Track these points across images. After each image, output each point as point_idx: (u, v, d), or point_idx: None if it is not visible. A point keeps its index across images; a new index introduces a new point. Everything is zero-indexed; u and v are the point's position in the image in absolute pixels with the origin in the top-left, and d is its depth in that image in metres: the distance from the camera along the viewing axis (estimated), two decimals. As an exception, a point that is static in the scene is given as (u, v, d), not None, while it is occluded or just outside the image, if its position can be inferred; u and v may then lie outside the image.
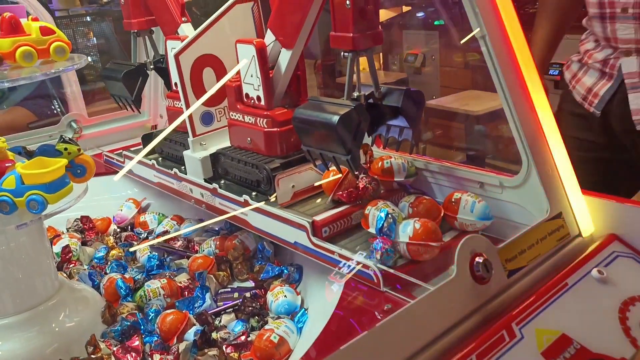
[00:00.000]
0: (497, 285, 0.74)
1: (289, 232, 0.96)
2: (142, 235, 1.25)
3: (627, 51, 1.33)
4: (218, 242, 1.13)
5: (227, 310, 0.96)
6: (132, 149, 1.44)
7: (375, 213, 0.91)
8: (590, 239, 0.87)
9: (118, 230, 1.31)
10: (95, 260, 1.15)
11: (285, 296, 0.93)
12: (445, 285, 0.69)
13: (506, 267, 0.76)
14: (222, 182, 1.13)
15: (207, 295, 0.98)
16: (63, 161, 0.84)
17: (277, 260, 1.08)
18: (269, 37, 1.03)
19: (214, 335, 0.90)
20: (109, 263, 1.12)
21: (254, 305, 0.95)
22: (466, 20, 0.82)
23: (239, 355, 0.85)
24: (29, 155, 0.92)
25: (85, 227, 1.29)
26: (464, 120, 3.30)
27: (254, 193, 1.06)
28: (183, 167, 1.21)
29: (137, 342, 0.87)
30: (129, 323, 0.92)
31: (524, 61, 0.84)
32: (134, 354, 0.86)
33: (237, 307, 0.96)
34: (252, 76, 1.05)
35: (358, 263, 0.85)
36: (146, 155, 1.31)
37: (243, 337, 0.88)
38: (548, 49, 1.56)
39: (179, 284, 1.02)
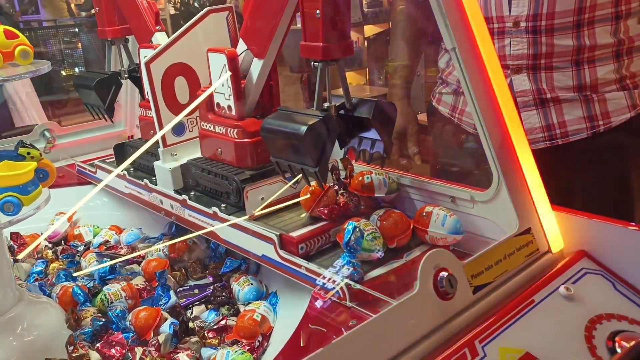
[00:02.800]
0: (462, 302, 0.72)
1: (257, 245, 0.94)
2: (80, 247, 1.21)
3: (517, 68, 1.25)
4: (169, 245, 1.13)
5: (196, 303, 0.98)
6: (103, 158, 1.42)
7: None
8: (559, 255, 0.86)
9: (50, 245, 1.25)
10: (35, 274, 1.11)
11: (251, 284, 0.98)
12: (408, 300, 0.67)
13: (472, 282, 0.74)
14: (192, 193, 1.11)
15: (171, 292, 0.98)
16: (33, 163, 0.83)
17: (231, 256, 1.09)
18: (241, 46, 1.02)
19: (190, 324, 0.91)
20: (55, 274, 1.09)
21: (224, 294, 0.98)
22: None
23: (221, 338, 0.87)
24: None
25: (16, 244, 1.23)
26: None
27: (223, 205, 1.04)
28: (154, 178, 1.19)
29: (120, 336, 0.87)
30: (101, 322, 0.91)
31: (494, 75, 0.83)
32: (118, 348, 0.84)
33: (206, 298, 0.99)
34: (223, 85, 1.04)
35: (324, 277, 0.83)
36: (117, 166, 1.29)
37: (223, 322, 0.90)
38: None
39: (137, 287, 1.02)
